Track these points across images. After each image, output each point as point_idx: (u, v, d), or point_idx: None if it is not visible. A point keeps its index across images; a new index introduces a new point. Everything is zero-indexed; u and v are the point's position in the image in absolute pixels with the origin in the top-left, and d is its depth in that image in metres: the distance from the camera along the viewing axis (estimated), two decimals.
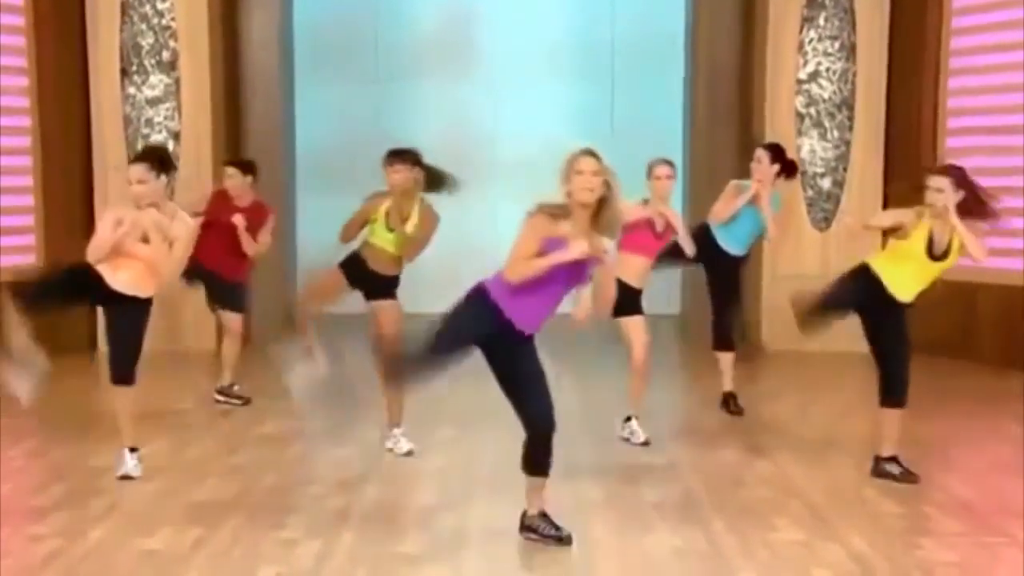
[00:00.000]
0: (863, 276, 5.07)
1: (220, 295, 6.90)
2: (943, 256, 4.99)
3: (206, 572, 3.96)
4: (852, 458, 5.45)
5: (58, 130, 8.60)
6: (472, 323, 4.07)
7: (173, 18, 8.89)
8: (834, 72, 9.01)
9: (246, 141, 9.40)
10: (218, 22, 9.01)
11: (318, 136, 10.53)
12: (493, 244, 5.59)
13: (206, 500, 4.84)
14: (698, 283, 7.21)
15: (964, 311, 8.47)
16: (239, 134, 9.31)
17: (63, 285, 5.14)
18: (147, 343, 5.22)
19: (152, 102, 8.97)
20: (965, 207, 4.93)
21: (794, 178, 6.77)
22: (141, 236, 5.01)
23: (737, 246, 6.46)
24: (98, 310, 5.46)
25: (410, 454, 5.59)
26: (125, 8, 8.88)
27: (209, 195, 7.11)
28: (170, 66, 8.94)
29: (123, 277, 5.06)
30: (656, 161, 5.81)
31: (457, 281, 6.46)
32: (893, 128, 8.92)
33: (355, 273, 5.61)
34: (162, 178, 5.05)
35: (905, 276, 5.02)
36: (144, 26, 8.91)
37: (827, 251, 8.78)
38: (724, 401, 6.61)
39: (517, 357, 4.11)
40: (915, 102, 8.76)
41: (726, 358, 6.56)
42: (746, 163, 6.67)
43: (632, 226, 5.64)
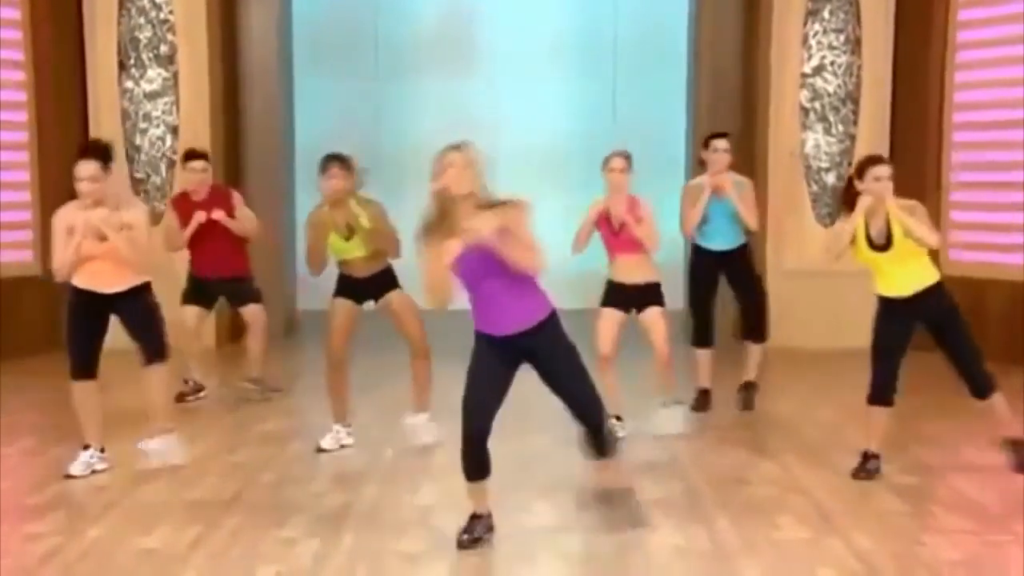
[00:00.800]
0: (880, 306, 5.09)
1: (236, 294, 6.88)
2: (885, 246, 4.94)
3: (205, 571, 3.95)
4: (857, 456, 5.41)
5: (55, 125, 8.57)
6: (474, 357, 4.13)
7: (171, 12, 8.86)
8: (839, 66, 8.96)
9: (244, 136, 9.37)
10: (217, 16, 8.97)
11: (317, 132, 10.48)
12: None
13: (205, 498, 4.83)
14: None
15: (971, 308, 8.37)
16: (237, 128, 9.28)
17: (83, 332, 5.12)
18: None
19: (150, 96, 8.94)
20: None
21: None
22: (98, 235, 4.99)
23: (723, 241, 6.41)
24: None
25: (433, 444, 5.62)
26: (123, 1, 8.86)
27: (172, 209, 6.89)
28: (168, 60, 8.90)
29: (107, 280, 5.07)
30: (612, 154, 5.81)
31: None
32: (898, 122, 8.88)
33: (352, 292, 5.59)
34: (110, 171, 5.04)
35: (880, 274, 5.03)
36: (142, 19, 8.87)
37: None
38: (745, 386, 6.58)
39: (537, 358, 4.10)
40: (921, 96, 8.71)
41: (753, 349, 6.54)
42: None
43: (598, 226, 5.74)
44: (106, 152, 5.09)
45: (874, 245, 4.95)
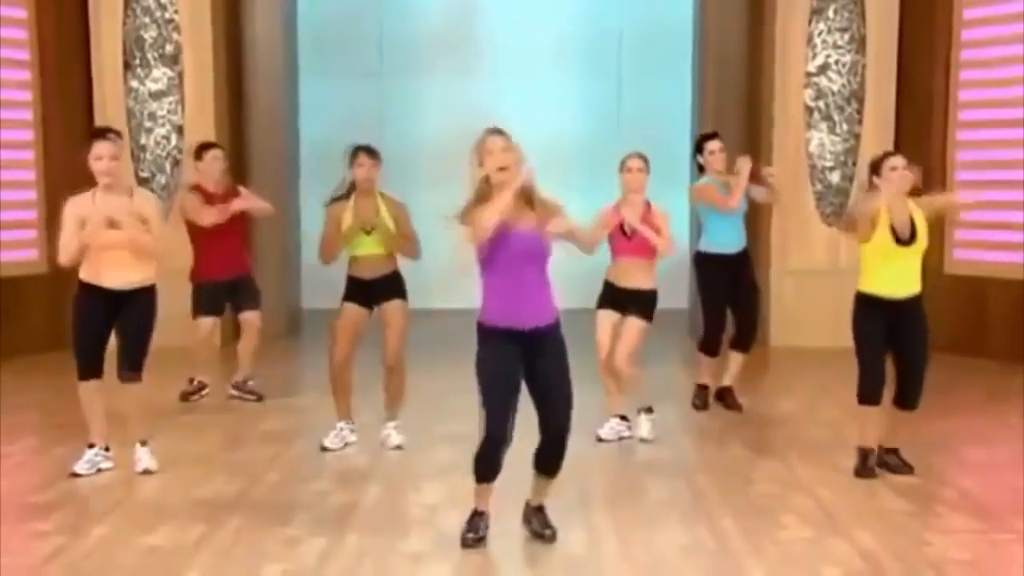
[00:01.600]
0: (861, 305, 5.06)
1: (243, 294, 6.83)
2: (911, 239, 4.96)
3: (209, 569, 3.95)
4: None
5: (60, 124, 8.59)
6: (491, 357, 4.05)
7: (176, 11, 8.88)
8: (843, 65, 8.94)
9: (249, 135, 9.37)
10: (221, 15, 8.99)
11: (321, 131, 10.48)
12: None
13: (209, 497, 4.83)
14: None
15: (974, 308, 8.43)
16: (242, 127, 9.28)
17: (91, 330, 5.10)
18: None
19: (155, 96, 8.95)
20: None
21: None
22: (108, 224, 4.98)
23: (733, 243, 6.42)
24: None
25: (399, 448, 5.61)
26: (128, 1, 8.87)
27: (186, 203, 6.73)
28: (173, 59, 8.92)
29: (115, 275, 5.06)
30: (629, 155, 5.80)
31: (465, 276, 6.38)
32: (903, 121, 8.86)
33: (360, 295, 5.55)
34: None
35: (888, 273, 5.00)
36: (147, 19, 8.89)
37: (836, 245, 8.72)
38: (721, 396, 6.56)
39: (537, 357, 4.08)
40: (925, 95, 8.70)
41: (737, 359, 6.52)
42: (753, 161, 6.61)
43: (608, 229, 5.70)
44: (118, 135, 5.14)
45: (899, 239, 4.95)
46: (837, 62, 8.95)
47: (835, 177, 8.99)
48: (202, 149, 6.88)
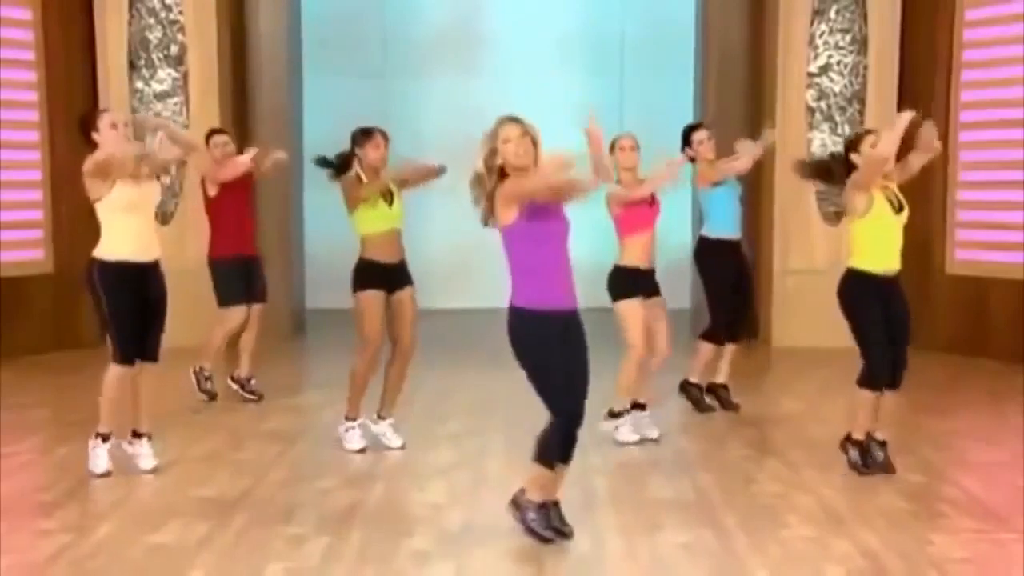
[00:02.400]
0: (857, 283, 5.04)
1: (254, 287, 6.84)
2: (901, 208, 5.06)
3: (213, 568, 3.96)
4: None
5: (66, 125, 8.59)
6: (544, 341, 4.00)
7: (181, 12, 8.91)
8: (845, 65, 8.96)
9: (254, 134, 9.38)
10: (226, 16, 9.02)
11: (325, 130, 10.50)
12: (500, 243, 5.56)
13: (214, 496, 4.84)
14: None
15: (977, 308, 8.44)
16: (247, 127, 9.30)
17: (133, 310, 5.07)
18: None
19: (160, 96, 8.98)
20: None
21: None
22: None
23: (734, 227, 6.43)
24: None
25: (402, 448, 5.61)
26: (133, 2, 8.91)
27: (202, 164, 6.84)
28: (178, 61, 8.94)
29: (144, 247, 5.08)
30: (619, 135, 5.81)
31: (466, 275, 6.41)
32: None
33: (381, 280, 5.49)
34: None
35: (885, 246, 5.02)
36: (152, 20, 8.92)
37: (837, 245, 8.73)
38: (716, 394, 6.55)
39: (570, 342, 4.06)
40: (927, 96, 8.69)
41: (730, 350, 6.52)
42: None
43: (624, 206, 5.63)
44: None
45: (893, 208, 5.00)
46: (839, 63, 8.96)
47: None
48: (208, 136, 7.01)
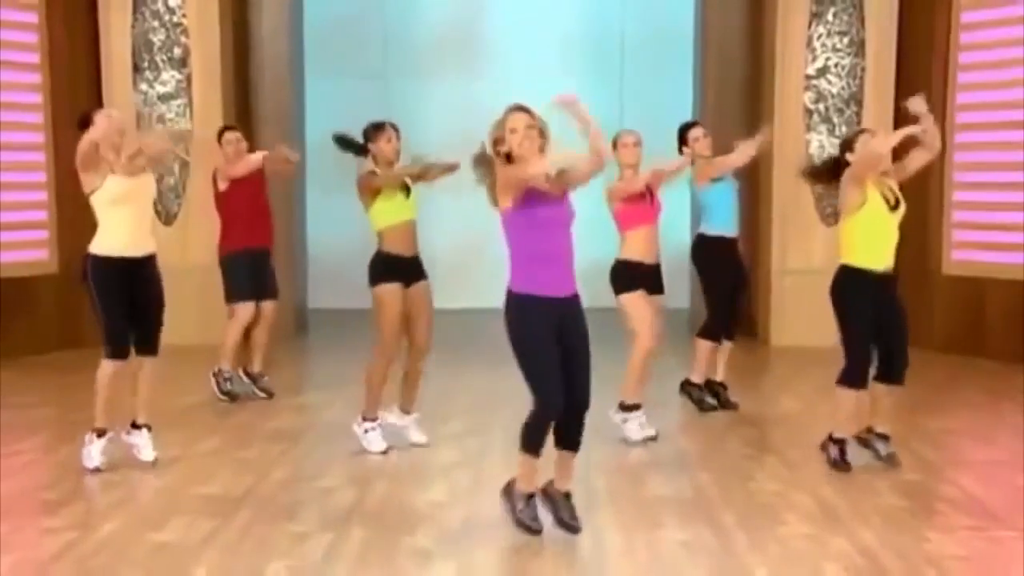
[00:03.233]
0: (849, 280, 5.06)
1: (264, 282, 6.88)
2: (897, 204, 5.07)
3: (217, 565, 3.98)
4: (861, 453, 5.44)
5: (70, 126, 8.63)
6: (536, 327, 4.02)
7: (184, 15, 8.95)
8: (843, 68, 9.00)
9: (256, 136, 9.43)
10: (228, 18, 9.07)
11: (327, 131, 10.53)
12: (502, 239, 5.60)
13: (217, 494, 4.87)
14: None
15: (973, 307, 8.47)
16: (249, 128, 9.33)
17: (123, 305, 5.10)
18: None
19: (164, 98, 9.03)
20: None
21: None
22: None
23: (732, 225, 6.46)
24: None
25: (425, 445, 5.65)
26: (137, 5, 8.95)
27: (218, 163, 6.95)
28: (181, 63, 8.99)
29: (138, 241, 5.11)
30: (621, 132, 5.84)
31: (468, 275, 6.43)
32: (902, 124, 8.82)
33: (400, 273, 5.48)
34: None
35: (879, 243, 5.05)
36: (156, 23, 8.96)
37: (835, 245, 8.76)
38: (715, 392, 6.58)
39: (569, 328, 4.08)
40: (924, 98, 8.73)
41: (727, 349, 6.56)
42: (752, 161, 6.66)
43: (624, 201, 5.68)
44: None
45: (889, 205, 5.03)
46: (836, 65, 9.00)
47: None
48: (220, 132, 7.09)
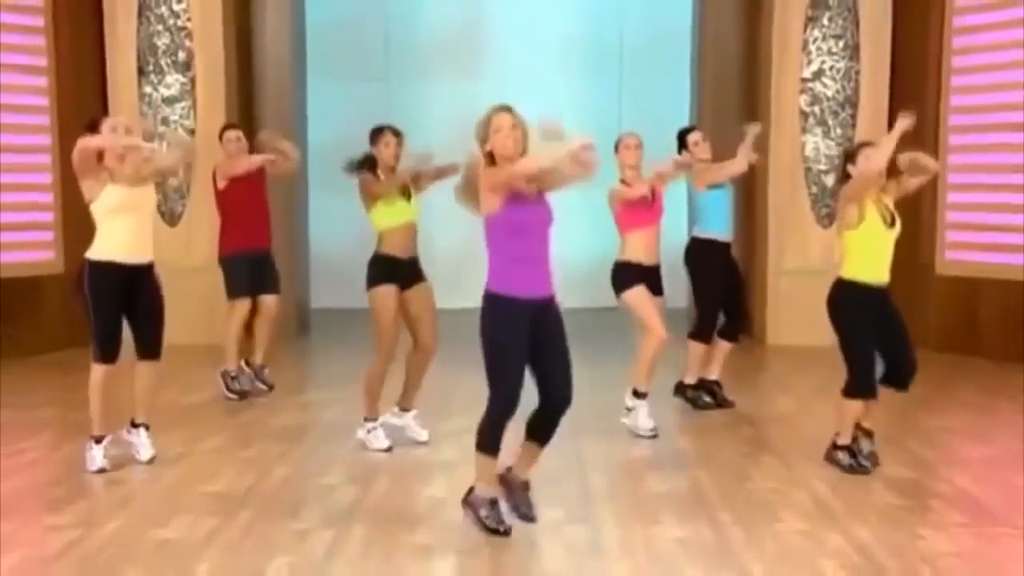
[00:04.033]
0: (848, 293, 5.10)
1: (266, 278, 6.93)
2: (893, 222, 5.11)
3: (220, 561, 4.01)
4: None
5: (76, 128, 8.67)
6: (508, 328, 4.06)
7: (188, 19, 9.01)
8: (838, 71, 9.05)
9: (259, 139, 9.50)
10: (232, 22, 9.13)
11: (329, 133, 10.60)
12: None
13: (220, 491, 4.90)
14: None
15: (968, 307, 8.51)
16: (252, 130, 9.40)
17: (115, 311, 5.14)
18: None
19: (168, 101, 9.09)
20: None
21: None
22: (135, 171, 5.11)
23: (726, 229, 6.51)
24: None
25: (425, 443, 5.70)
26: (142, 9, 9.02)
27: (219, 162, 7.02)
28: (185, 66, 9.06)
29: (136, 249, 5.13)
30: (623, 134, 5.93)
31: (467, 276, 6.45)
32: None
33: (396, 275, 5.52)
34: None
35: (876, 258, 5.09)
36: (160, 27, 9.02)
37: (830, 246, 8.81)
38: (711, 391, 6.62)
39: (546, 328, 4.13)
40: (918, 100, 8.77)
41: (726, 348, 6.60)
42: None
43: (626, 204, 5.76)
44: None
45: (885, 222, 5.06)
46: (832, 68, 9.06)
47: (830, 180, 9.12)
48: (221, 131, 7.15)
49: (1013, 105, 8.21)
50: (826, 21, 9.04)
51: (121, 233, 5.09)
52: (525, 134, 4.09)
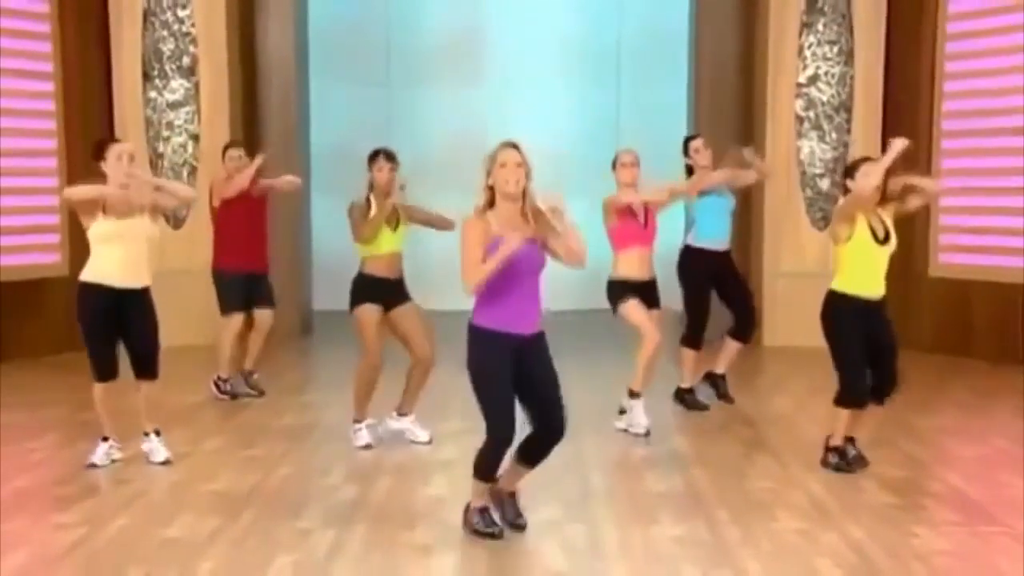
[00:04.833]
0: (838, 305, 5.13)
1: (260, 292, 6.97)
2: (886, 239, 5.12)
3: (224, 560, 4.05)
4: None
5: (82, 132, 8.77)
6: (491, 360, 4.09)
7: (193, 24, 9.07)
8: (833, 76, 9.11)
9: (262, 142, 9.57)
10: (236, 28, 9.20)
11: (331, 139, 10.67)
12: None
13: (224, 491, 4.94)
14: None
15: (961, 309, 8.57)
16: (256, 136, 9.47)
17: (105, 332, 5.21)
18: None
19: (173, 106, 9.14)
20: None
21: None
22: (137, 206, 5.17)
23: (720, 239, 6.55)
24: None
25: (429, 442, 5.76)
26: (147, 15, 9.06)
27: (215, 181, 7.08)
28: (190, 71, 9.12)
29: (129, 274, 5.18)
30: (622, 151, 5.99)
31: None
32: (890, 130, 8.93)
33: (378, 295, 5.59)
34: None
35: (866, 272, 5.12)
36: (165, 32, 9.08)
37: (826, 248, 8.86)
38: (715, 383, 6.68)
39: (530, 361, 4.15)
40: (911, 105, 8.87)
41: (735, 348, 6.64)
42: (746, 167, 6.76)
43: (619, 220, 5.85)
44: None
45: (876, 238, 5.09)
46: (827, 73, 9.12)
47: (825, 184, 9.19)
48: (224, 149, 7.20)
49: (1006, 110, 8.27)
50: (821, 27, 9.10)
51: (112, 261, 5.16)
52: (528, 173, 4.10)
